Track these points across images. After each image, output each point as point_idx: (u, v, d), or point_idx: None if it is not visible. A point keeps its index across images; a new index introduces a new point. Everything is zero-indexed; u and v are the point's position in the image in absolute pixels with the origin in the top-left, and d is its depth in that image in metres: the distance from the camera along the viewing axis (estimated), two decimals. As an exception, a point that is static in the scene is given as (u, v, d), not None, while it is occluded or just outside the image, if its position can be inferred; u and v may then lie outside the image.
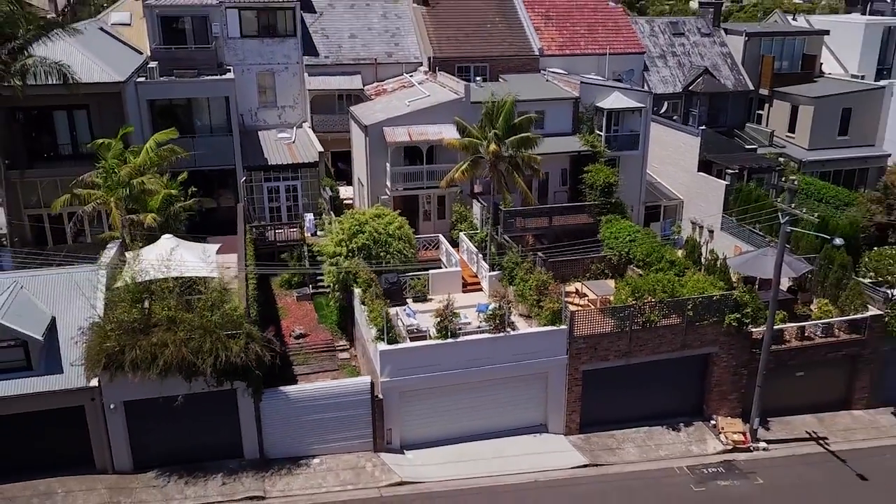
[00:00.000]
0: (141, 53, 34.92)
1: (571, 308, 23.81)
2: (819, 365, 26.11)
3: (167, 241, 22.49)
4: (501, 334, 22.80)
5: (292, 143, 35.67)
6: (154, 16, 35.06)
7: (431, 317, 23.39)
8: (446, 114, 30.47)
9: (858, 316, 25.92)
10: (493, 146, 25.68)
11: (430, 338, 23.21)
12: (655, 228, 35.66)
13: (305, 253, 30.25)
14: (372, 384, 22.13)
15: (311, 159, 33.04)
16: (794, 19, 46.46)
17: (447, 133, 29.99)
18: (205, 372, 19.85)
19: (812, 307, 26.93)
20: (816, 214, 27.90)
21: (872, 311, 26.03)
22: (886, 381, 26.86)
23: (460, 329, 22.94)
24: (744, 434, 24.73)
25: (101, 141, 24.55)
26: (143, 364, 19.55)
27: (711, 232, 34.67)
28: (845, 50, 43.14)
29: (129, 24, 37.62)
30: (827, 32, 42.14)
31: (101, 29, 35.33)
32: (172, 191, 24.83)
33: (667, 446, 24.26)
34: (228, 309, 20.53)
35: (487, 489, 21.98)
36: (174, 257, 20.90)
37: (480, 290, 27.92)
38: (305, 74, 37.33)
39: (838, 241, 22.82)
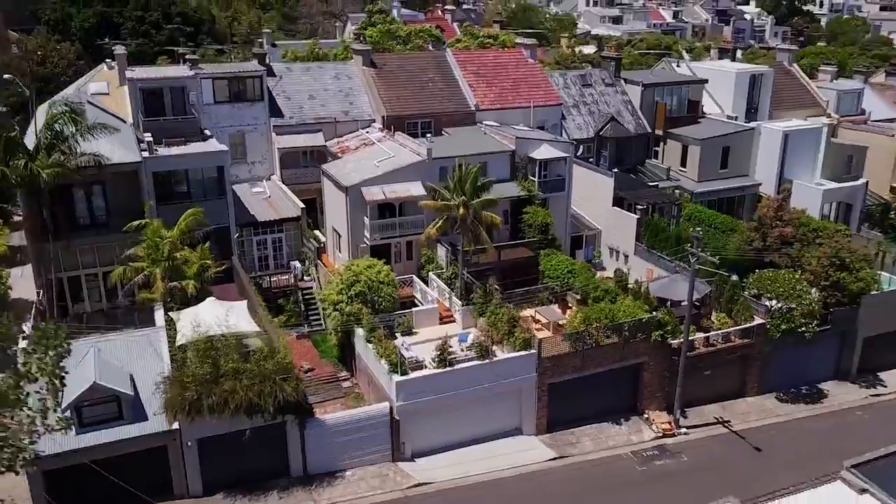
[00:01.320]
0: (125, 122, 38.80)
1: (539, 335, 30.26)
2: (720, 364, 33.66)
3: (213, 304, 27.32)
4: (487, 361, 28.96)
5: (269, 197, 40.47)
6: (137, 89, 39.10)
7: (422, 348, 29.31)
8: (413, 173, 36.34)
9: (748, 325, 33.65)
10: (462, 210, 31.73)
11: (426, 367, 29.07)
12: (580, 255, 42.83)
13: (300, 297, 35.36)
14: (390, 408, 27.79)
15: (294, 214, 38.04)
16: (677, 66, 54.89)
17: (415, 190, 35.90)
18: (267, 410, 24.94)
19: (712, 320, 34.44)
20: (717, 257, 35.29)
21: (758, 320, 33.82)
22: (769, 373, 34.81)
23: (455, 358, 28.91)
24: (670, 423, 31.92)
25: (138, 222, 28.96)
26: (219, 408, 24.46)
27: (627, 256, 42.01)
28: (721, 94, 51.68)
29: (108, 94, 41.29)
30: (706, 81, 50.60)
31: (89, 101, 38.95)
32: (207, 260, 29.54)
33: (614, 437, 31.12)
34: (279, 358, 25.68)
35: (484, 483, 28.09)
36: (229, 318, 25.84)
37: (454, 321, 33.93)
38: (273, 134, 42.18)
39: (734, 277, 30.22)
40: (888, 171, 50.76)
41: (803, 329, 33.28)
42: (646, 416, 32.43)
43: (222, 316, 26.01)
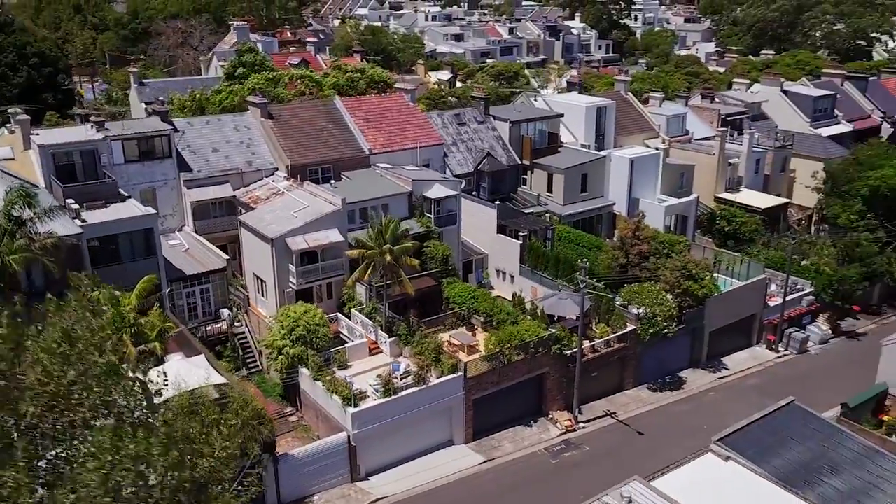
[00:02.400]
0: (36, 186, 40.04)
1: (463, 359, 35.57)
2: (604, 366, 40.51)
3: (178, 361, 30.38)
4: (423, 386, 33.89)
5: (187, 250, 43.03)
6: (48, 154, 40.48)
7: (359, 379, 33.79)
8: (329, 221, 40.51)
9: (623, 332, 40.70)
10: (388, 257, 36.44)
11: (369, 397, 33.57)
12: (472, 278, 48.57)
13: (237, 343, 38.57)
14: (347, 437, 32.08)
15: (220, 266, 41.00)
16: (535, 101, 62.07)
17: (333, 237, 40.14)
18: (249, 453, 28.48)
19: (595, 329, 41.21)
20: (594, 277, 42.12)
21: (630, 326, 40.97)
22: (642, 369, 42.16)
23: (397, 387, 33.61)
24: (570, 420, 38.30)
25: (100, 293, 31.26)
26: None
27: (513, 277, 48.19)
28: (574, 125, 59.21)
29: (14, 159, 42.11)
30: (562, 115, 57.95)
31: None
32: (169, 323, 32.33)
33: (528, 438, 37.04)
34: (253, 405, 29.25)
35: (431, 491, 33.06)
36: (208, 375, 29.09)
37: (381, 353, 38.51)
38: (184, 188, 44.70)
39: (618, 299, 36.94)
40: (712, 184, 60.35)
41: (666, 330, 40.78)
42: (550, 416, 38.63)
43: (190, 371, 29.16)
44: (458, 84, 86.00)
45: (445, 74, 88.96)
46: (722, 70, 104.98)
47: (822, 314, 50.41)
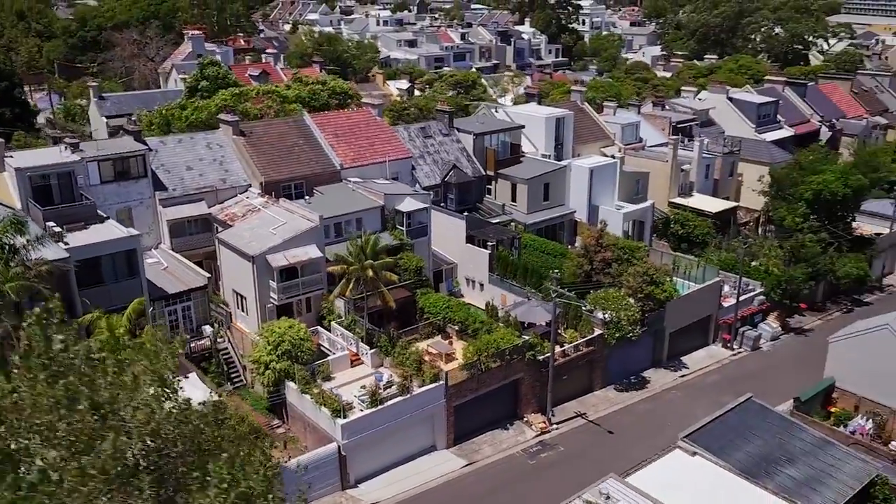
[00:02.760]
0: (11, 209, 40.41)
1: (442, 367, 37.30)
2: (574, 369, 42.68)
3: (190, 382, 31.37)
4: (408, 395, 35.53)
5: (166, 268, 43.80)
6: (25, 177, 40.87)
7: (343, 391, 35.26)
8: (308, 238, 41.81)
9: (591, 336, 42.94)
10: (370, 272, 37.97)
11: (355, 408, 35.05)
12: (443, 287, 50.28)
13: (221, 359, 39.61)
14: (338, 447, 33.52)
15: (200, 283, 41.91)
16: (496, 112, 64.11)
17: (312, 253, 41.43)
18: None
19: (564, 335, 43.36)
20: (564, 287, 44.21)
21: (597, 331, 43.24)
22: (609, 371, 44.48)
23: (383, 397, 35.17)
24: (544, 422, 40.36)
25: (92, 315, 32.15)
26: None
27: (482, 285, 50.09)
28: (535, 135, 61.40)
29: (-12, 181, 42.35)
30: (524, 126, 60.07)
31: (-23, 193, 40.13)
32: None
33: (505, 441, 38.96)
34: (249, 420, 30.49)
35: (418, 495, 34.71)
36: (208, 392, 30.21)
37: (362, 363, 39.99)
38: (160, 206, 45.44)
39: (582, 303, 39.11)
40: (665, 189, 63.22)
41: (631, 334, 43.15)
42: (525, 419, 40.64)
43: (190, 390, 30.27)
44: (417, 93, 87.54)
45: (404, 83, 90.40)
46: (669, 75, 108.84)
47: (772, 313, 53.59)
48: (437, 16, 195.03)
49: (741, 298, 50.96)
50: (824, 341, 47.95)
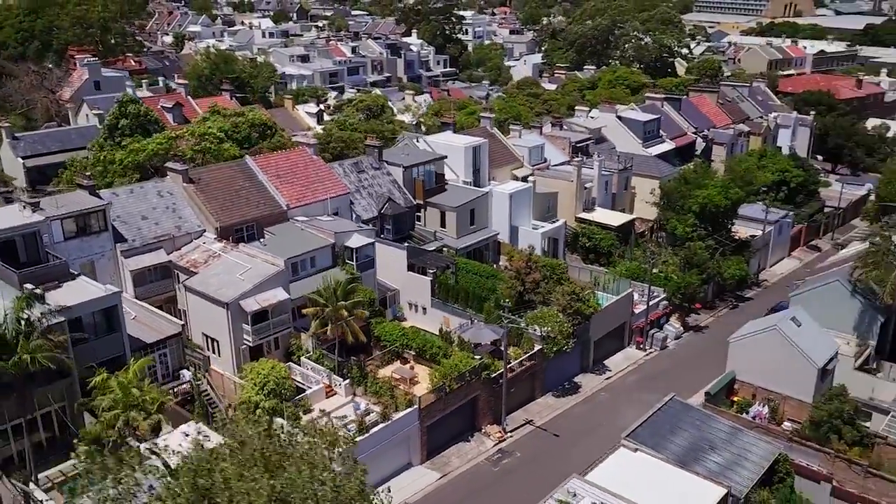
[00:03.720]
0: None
1: (417, 393, 41.96)
2: (520, 382, 48.34)
3: (189, 429, 34.52)
4: (388, 422, 40.00)
5: (134, 317, 45.94)
6: (-7, 240, 42.15)
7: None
8: (275, 281, 45.30)
9: (532, 351, 48.73)
10: (345, 312, 42.05)
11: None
12: (388, 312, 54.72)
13: (203, 400, 42.53)
14: (334, 474, 37.50)
15: (175, 331, 44.49)
16: (417, 142, 68.86)
17: (280, 295, 45.01)
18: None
19: (509, 352, 48.88)
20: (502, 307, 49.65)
21: (537, 346, 49.09)
22: (547, 380, 50.48)
23: (367, 426, 39.45)
24: (500, 432, 45.81)
25: (102, 375, 34.62)
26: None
27: (425, 309, 54.87)
28: (455, 163, 66.61)
29: (-49, 244, 43.10)
30: (446, 156, 65.18)
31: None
32: (169, 397, 36.06)
33: (469, 452, 44.13)
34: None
35: (404, 509, 39.35)
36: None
37: (336, 394, 43.98)
38: (122, 257, 47.46)
39: (531, 329, 44.72)
40: (572, 206, 70.10)
41: (566, 347, 49.25)
42: (483, 430, 45.95)
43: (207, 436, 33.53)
44: (326, 117, 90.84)
45: (312, 107, 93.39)
46: (554, 87, 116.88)
47: (674, 314, 61.41)
48: (321, 24, 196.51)
49: (643, 303, 58.30)
50: (719, 336, 56.25)
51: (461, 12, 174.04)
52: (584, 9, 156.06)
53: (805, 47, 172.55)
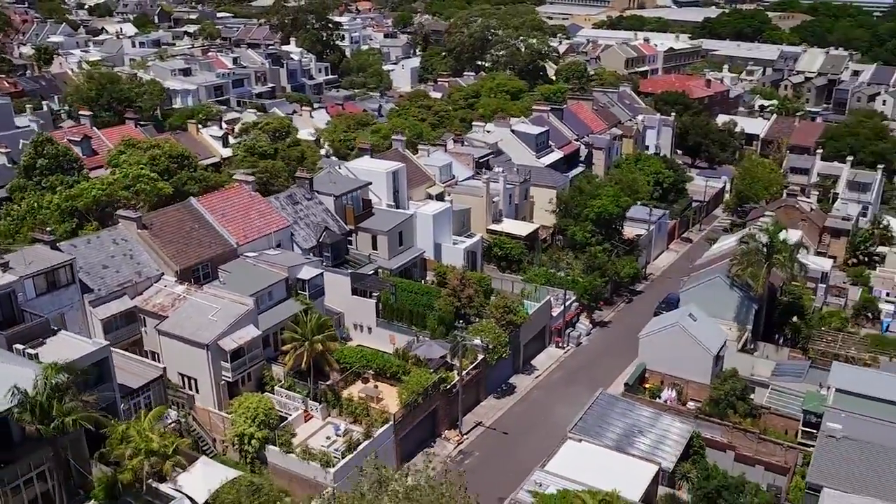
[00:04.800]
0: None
1: (385, 410, 47.51)
2: (468, 389, 54.84)
3: (204, 464, 38.59)
4: (371, 438, 45.38)
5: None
6: (-28, 304, 43.83)
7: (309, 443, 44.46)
8: (246, 319, 49.35)
9: (477, 361, 55.29)
10: (320, 346, 46.86)
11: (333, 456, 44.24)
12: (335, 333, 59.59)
13: (193, 437, 46.16)
14: (332, 489, 42.59)
15: (156, 374, 47.57)
16: (339, 169, 73.41)
17: (253, 332, 49.13)
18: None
19: (456, 363, 55.15)
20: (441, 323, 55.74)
21: (480, 356, 55.69)
22: (488, 384, 57.27)
23: (354, 444, 44.64)
24: (458, 436, 52.17)
25: (125, 425, 37.89)
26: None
27: (370, 328, 60.17)
28: (378, 188, 71.81)
29: (-74, 310, 44.28)
30: (371, 182, 70.27)
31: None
32: (182, 439, 39.65)
33: (436, 456, 50.15)
34: (268, 484, 38.69)
35: (390, 513, 44.82)
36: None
37: (313, 418, 48.72)
38: (90, 307, 49.78)
39: (476, 341, 51.24)
40: (483, 219, 77.10)
41: (504, 354, 56.17)
42: (443, 436, 52.15)
43: (222, 472, 37.84)
44: (231, 140, 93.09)
45: (216, 131, 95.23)
46: (439, 95, 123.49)
47: (584, 313, 69.85)
48: (193, 31, 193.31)
49: (561, 306, 66.29)
50: (621, 328, 65.37)
51: (337, 18, 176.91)
52: (459, 16, 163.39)
53: (656, 45, 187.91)
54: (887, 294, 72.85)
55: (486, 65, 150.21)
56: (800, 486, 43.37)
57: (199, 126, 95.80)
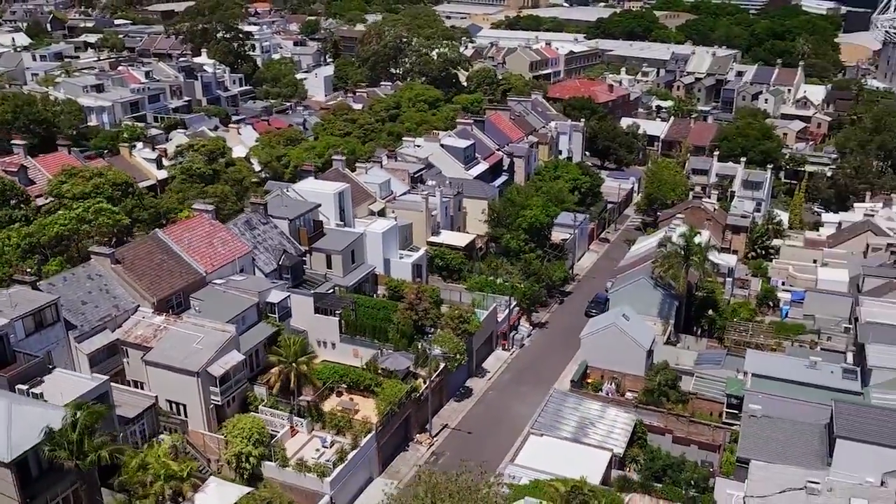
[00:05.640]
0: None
1: (364, 421, 52.18)
2: (433, 394, 60.05)
3: (217, 484, 42.28)
4: (357, 449, 49.98)
5: (102, 394, 51.05)
6: (-30, 350, 45.71)
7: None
8: (230, 346, 52.84)
9: (439, 369, 60.57)
10: (304, 368, 50.97)
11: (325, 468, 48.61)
12: (303, 351, 63.55)
13: (191, 458, 49.38)
14: (329, 497, 47.00)
15: (149, 403, 50.39)
16: (287, 192, 76.77)
17: (237, 358, 52.73)
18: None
19: (422, 374, 60.16)
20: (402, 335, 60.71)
21: (442, 364, 60.96)
22: (449, 388, 62.68)
23: (345, 454, 49.10)
24: (429, 439, 57.34)
25: (144, 453, 41.05)
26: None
27: (334, 344, 64.34)
28: (326, 208, 75.73)
29: (-78, 359, 45.76)
30: (321, 204, 74.13)
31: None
32: (193, 464, 42.97)
33: (411, 459, 55.23)
34: (283, 497, 42.81)
35: (380, 513, 49.68)
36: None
37: (298, 433, 52.76)
38: (75, 343, 52.05)
39: (436, 351, 56.54)
40: (423, 232, 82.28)
41: (462, 361, 61.67)
42: (416, 440, 57.22)
43: (235, 490, 41.65)
44: (165, 162, 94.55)
45: (149, 153, 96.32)
46: (360, 106, 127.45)
47: (524, 316, 76.22)
48: (94, 41, 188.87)
49: (505, 311, 72.41)
50: (557, 328, 72.27)
51: (247, 28, 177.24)
52: (371, 26, 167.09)
53: (557, 48, 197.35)
54: (783, 283, 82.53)
55: (399, 73, 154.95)
56: (730, 460, 50.85)
57: (131, 149, 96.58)
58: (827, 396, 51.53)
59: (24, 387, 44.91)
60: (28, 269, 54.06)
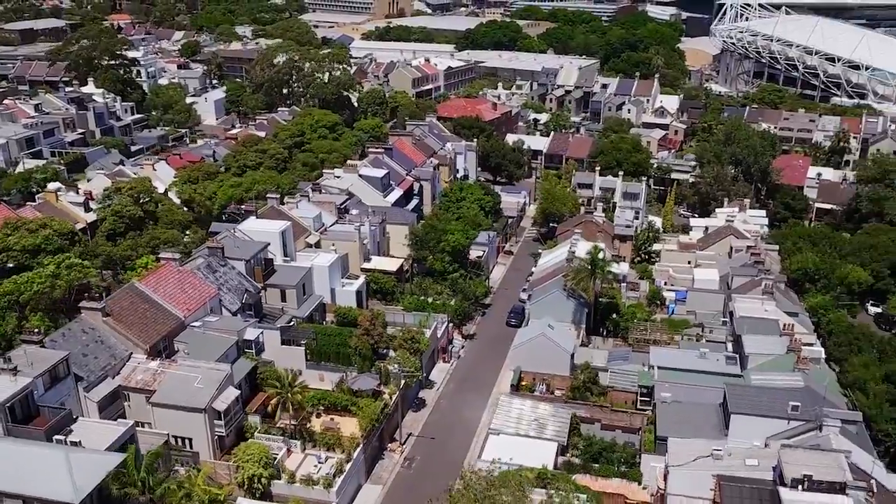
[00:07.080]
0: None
1: (350, 437, 60.87)
2: (397, 408, 69.29)
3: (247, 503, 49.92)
4: (352, 460, 58.60)
5: (115, 437, 56.75)
6: (4, 409, 50.70)
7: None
8: (227, 382, 59.90)
9: (402, 385, 69.80)
10: (300, 396, 58.91)
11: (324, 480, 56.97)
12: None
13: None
14: (336, 505, 55.49)
15: (162, 440, 56.58)
16: (234, 232, 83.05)
17: (235, 393, 59.88)
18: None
19: (385, 390, 69.09)
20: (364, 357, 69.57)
21: (403, 381, 70.22)
22: (407, 402, 72.11)
23: (340, 468, 57.58)
24: (399, 446, 66.56)
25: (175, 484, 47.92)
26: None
27: (301, 371, 72.04)
28: (273, 245, 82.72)
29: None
30: (269, 243, 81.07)
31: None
32: (226, 487, 50.07)
33: (388, 466, 64.22)
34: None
35: (374, 514, 58.64)
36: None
37: (293, 452, 60.60)
38: (84, 392, 57.45)
39: (394, 368, 65.97)
40: (357, 261, 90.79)
41: (419, 377, 71.19)
42: (388, 448, 66.33)
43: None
44: (93, 205, 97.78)
45: (75, 196, 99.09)
46: (263, 134, 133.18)
47: (456, 330, 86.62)
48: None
49: (441, 328, 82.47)
50: (485, 338, 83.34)
51: (131, 54, 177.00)
52: (264, 52, 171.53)
53: (436, 64, 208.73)
54: (665, 283, 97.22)
55: (292, 98, 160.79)
56: (650, 439, 63.40)
57: (58, 193, 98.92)
58: (716, 381, 65.16)
59: (61, 437, 50.53)
60: (36, 329, 58.61)
